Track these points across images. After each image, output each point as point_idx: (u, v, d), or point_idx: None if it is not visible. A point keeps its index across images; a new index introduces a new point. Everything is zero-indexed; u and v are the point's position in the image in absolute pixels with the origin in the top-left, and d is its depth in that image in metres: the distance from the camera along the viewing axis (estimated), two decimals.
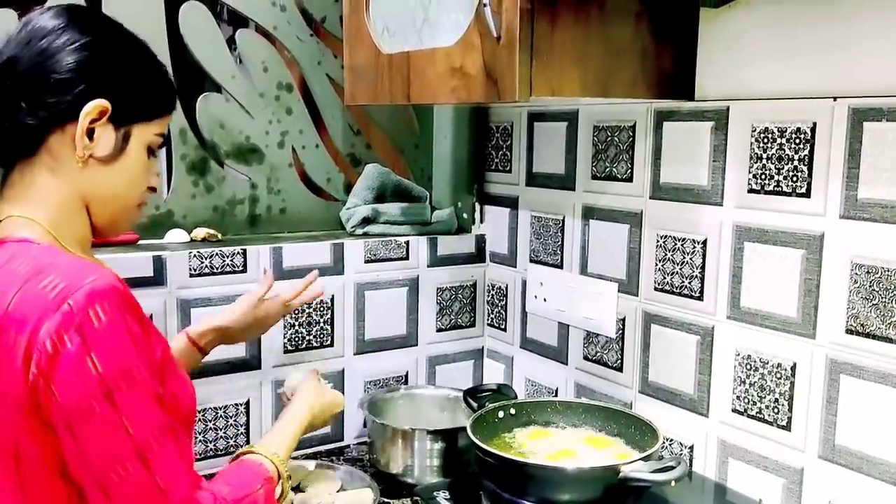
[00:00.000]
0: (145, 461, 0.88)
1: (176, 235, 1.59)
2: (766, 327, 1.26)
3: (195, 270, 1.49)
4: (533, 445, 1.30)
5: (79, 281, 0.88)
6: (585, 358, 1.59)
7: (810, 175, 1.18)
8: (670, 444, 1.42)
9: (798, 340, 1.21)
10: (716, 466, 1.35)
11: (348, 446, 1.65)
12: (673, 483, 1.06)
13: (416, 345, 1.75)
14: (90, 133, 0.96)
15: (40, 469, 0.90)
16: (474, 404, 1.35)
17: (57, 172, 0.97)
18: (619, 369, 1.52)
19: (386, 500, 1.40)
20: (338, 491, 1.41)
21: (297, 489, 1.40)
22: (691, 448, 1.39)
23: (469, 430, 1.23)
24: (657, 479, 1.06)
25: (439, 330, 1.78)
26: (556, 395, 1.66)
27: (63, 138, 0.96)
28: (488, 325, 1.84)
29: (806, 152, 1.18)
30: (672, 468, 1.08)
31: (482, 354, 1.85)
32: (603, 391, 1.55)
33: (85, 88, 0.95)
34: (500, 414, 1.34)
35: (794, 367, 1.22)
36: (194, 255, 1.49)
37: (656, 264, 1.43)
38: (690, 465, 1.39)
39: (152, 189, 1.07)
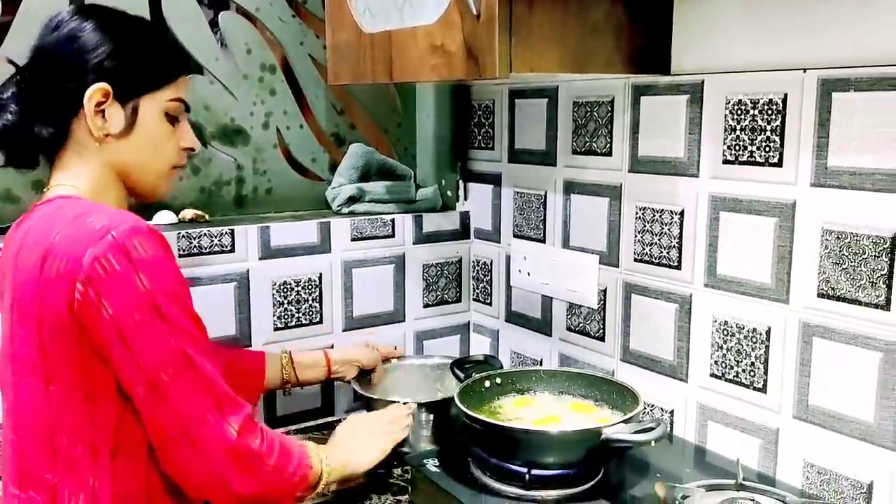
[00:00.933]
0: (192, 365, 0.98)
1: (164, 217, 1.61)
2: (741, 294, 1.30)
3: (184, 251, 1.52)
4: (519, 412, 1.34)
5: (121, 221, 0.98)
6: (569, 329, 1.63)
7: (782, 145, 1.22)
8: (651, 410, 1.47)
9: (772, 305, 1.25)
10: (695, 429, 1.40)
11: (339, 420, 1.69)
12: (653, 443, 1.10)
13: (404, 320, 1.79)
14: (102, 114, 1.05)
15: (71, 392, 0.98)
16: (461, 374, 1.38)
17: (84, 154, 1.07)
18: (602, 339, 1.56)
19: (378, 469, 1.44)
20: None
21: None
22: (671, 412, 1.44)
23: (456, 399, 1.26)
24: (637, 439, 1.10)
25: (426, 306, 1.81)
26: (540, 365, 1.70)
27: (81, 123, 1.06)
28: (474, 299, 1.87)
29: (777, 123, 1.22)
30: (652, 429, 1.13)
31: (468, 329, 1.89)
32: (586, 360, 1.59)
33: (85, 75, 1.03)
34: (487, 384, 1.37)
35: (768, 332, 1.26)
36: (182, 236, 1.52)
37: (636, 236, 1.46)
38: (671, 429, 1.44)
39: (189, 150, 1.16)
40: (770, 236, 1.25)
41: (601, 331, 1.56)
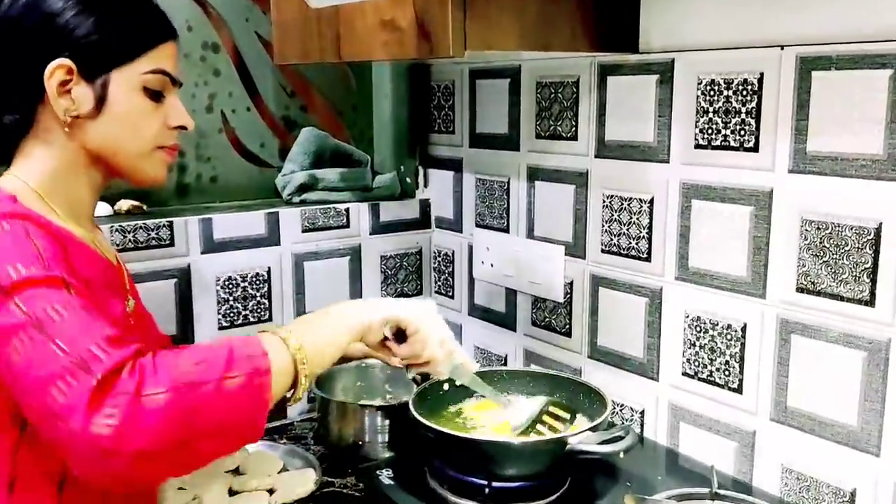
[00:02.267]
0: (42, 328, 0.79)
1: (98, 208, 1.49)
2: (715, 287, 1.21)
3: (118, 245, 1.40)
4: (480, 418, 1.25)
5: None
6: (534, 323, 1.54)
7: (758, 128, 1.13)
8: (621, 410, 1.38)
9: (748, 300, 1.17)
10: (667, 431, 1.32)
11: (292, 424, 1.59)
12: (622, 454, 1.02)
13: None
14: (69, 95, 0.94)
15: None
16: (418, 377, 1.29)
17: (49, 141, 0.97)
18: (568, 334, 1.47)
19: (329, 478, 1.35)
20: (279, 472, 1.35)
21: (236, 472, 1.33)
22: (642, 413, 1.36)
23: (411, 406, 1.17)
24: (605, 450, 1.02)
25: None
26: (504, 363, 1.61)
27: (46, 108, 0.95)
28: (436, 292, 1.78)
29: (753, 105, 1.13)
30: (621, 438, 1.04)
31: None
32: (552, 357, 1.51)
33: (45, 50, 0.92)
34: (445, 386, 1.28)
35: (744, 328, 1.18)
36: (116, 230, 1.40)
37: (603, 225, 1.37)
38: (641, 430, 1.35)
39: (179, 128, 1.03)
40: (745, 226, 1.16)
41: (567, 326, 1.47)
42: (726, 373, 1.21)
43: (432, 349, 1.04)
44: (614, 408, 1.36)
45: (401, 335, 1.05)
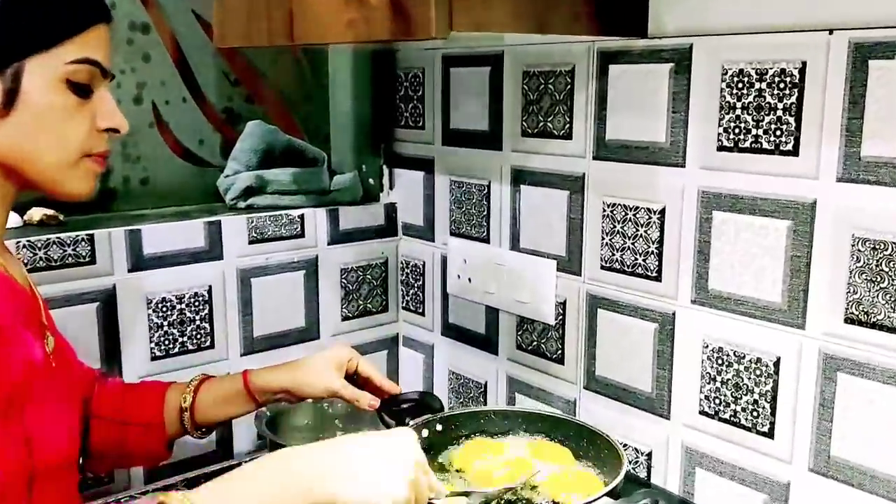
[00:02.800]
0: None
1: None
2: (740, 314, 1.03)
3: (27, 264, 1.16)
4: (474, 463, 1.05)
5: None
6: (519, 347, 1.34)
7: (798, 128, 0.95)
8: (624, 448, 1.20)
9: (783, 331, 0.99)
10: (679, 477, 1.14)
11: (239, 465, 1.37)
12: None
13: (318, 338, 1.47)
14: None
15: None
16: (391, 422, 1.08)
17: None
18: (560, 361, 1.28)
19: None
20: None
21: None
22: (649, 455, 1.17)
23: None
24: None
25: (346, 318, 1.50)
26: (484, 391, 1.42)
27: None
28: (403, 308, 1.57)
29: (793, 99, 0.95)
30: None
31: (397, 343, 1.58)
32: (541, 386, 1.32)
33: None
34: (425, 432, 1.08)
35: (777, 363, 1.01)
36: (25, 245, 1.16)
37: (603, 238, 1.18)
38: (648, 475, 1.17)
39: (110, 130, 0.83)
40: (781, 243, 0.98)
41: (559, 352, 1.28)
42: (754, 413, 1.04)
43: None
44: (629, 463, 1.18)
45: None
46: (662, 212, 1.11)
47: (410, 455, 0.77)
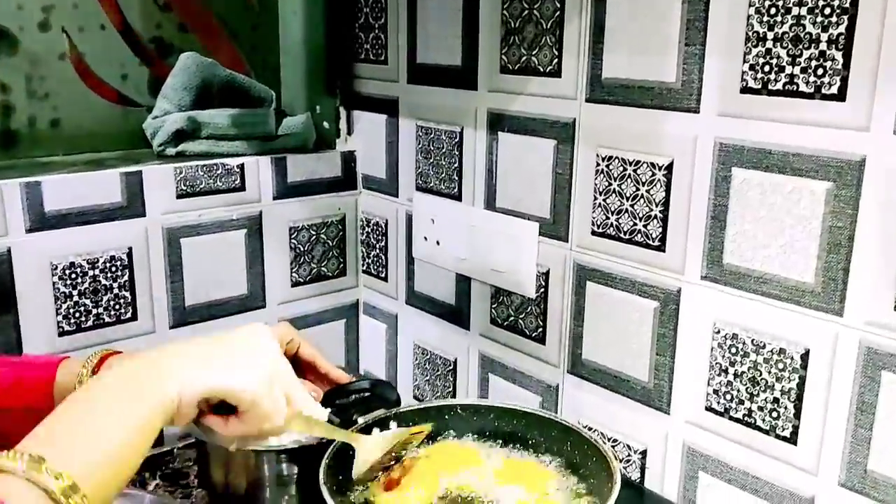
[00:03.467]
0: None
1: None
2: (763, 295, 0.85)
3: None
4: (427, 477, 0.86)
5: None
6: (494, 322, 1.16)
7: (847, 66, 0.75)
8: (614, 447, 1.03)
9: (815, 317, 0.81)
10: (679, 482, 0.96)
11: (171, 453, 1.18)
12: None
13: (265, 306, 1.27)
14: None
15: None
16: (335, 419, 0.89)
17: None
18: (541, 340, 1.09)
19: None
20: None
21: None
22: (643, 454, 1.00)
23: (321, 475, 0.78)
24: None
25: (296, 284, 1.30)
26: (454, 369, 1.23)
27: None
28: (364, 272, 1.38)
29: (841, 29, 0.75)
30: None
31: (357, 311, 1.39)
32: (518, 368, 1.13)
33: None
34: (376, 432, 0.89)
35: (806, 356, 0.82)
36: None
37: (596, 198, 0.99)
38: (641, 476, 1.00)
39: None
40: (818, 210, 0.79)
41: (540, 329, 1.09)
42: (774, 414, 0.86)
43: (275, 422, 0.69)
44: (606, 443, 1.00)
45: (226, 406, 0.68)
46: (670, 167, 0.91)
47: (269, 344, 0.72)
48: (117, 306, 1.12)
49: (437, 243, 1.20)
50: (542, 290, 1.08)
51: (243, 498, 1.01)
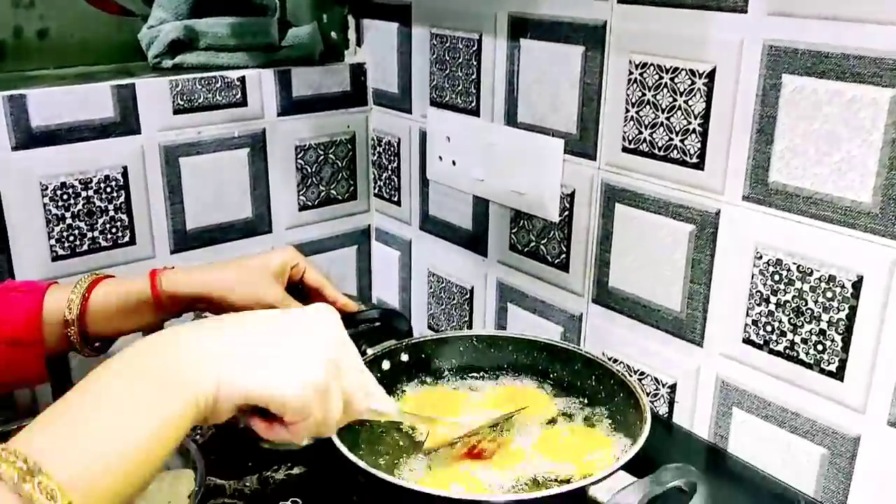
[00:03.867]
0: None
1: None
2: (812, 217, 0.77)
3: None
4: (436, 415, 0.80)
5: None
6: (513, 248, 1.08)
7: None
8: (641, 380, 0.96)
9: (871, 242, 0.73)
10: (711, 419, 0.90)
11: None
12: None
13: (271, 231, 1.21)
14: None
15: None
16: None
17: None
18: (564, 268, 1.02)
19: (216, 479, 0.92)
20: None
21: None
22: (672, 388, 0.94)
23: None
24: None
25: (304, 207, 1.23)
26: (470, 298, 1.17)
27: None
28: (376, 195, 1.30)
29: None
30: (675, 492, 0.61)
31: (368, 237, 1.32)
32: (539, 297, 1.06)
33: None
34: (386, 364, 0.83)
35: (858, 284, 0.74)
36: None
37: (628, 110, 0.90)
38: (670, 411, 0.94)
39: None
40: (880, 121, 0.70)
41: (564, 256, 1.02)
42: (819, 347, 0.78)
43: (324, 433, 0.57)
44: (633, 375, 0.94)
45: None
46: (711, 75, 0.81)
47: (332, 331, 0.58)
48: (114, 230, 1.06)
49: (453, 163, 1.12)
50: (567, 213, 1.00)
51: (248, 430, 0.97)
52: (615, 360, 0.98)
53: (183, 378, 0.51)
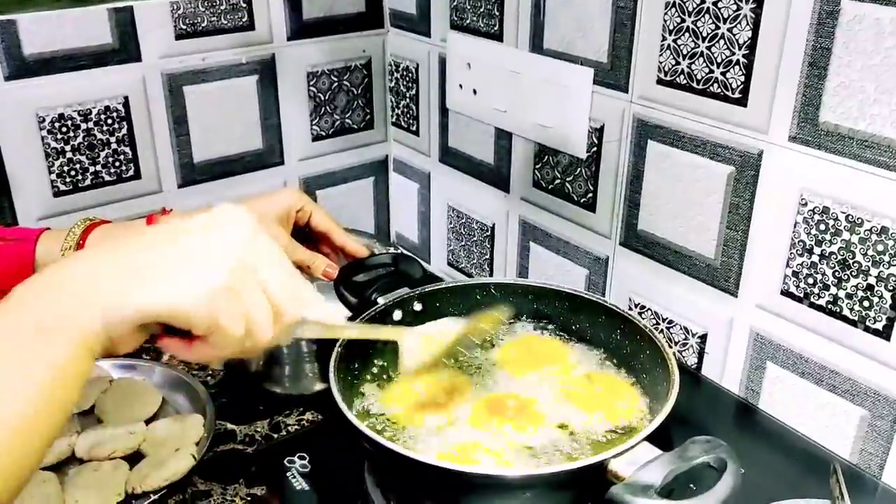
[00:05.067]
0: None
1: None
2: (866, 162, 0.69)
3: None
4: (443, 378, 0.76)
5: None
6: (537, 185, 1.02)
7: None
8: (669, 329, 0.91)
9: None
10: (743, 374, 0.85)
11: None
12: None
13: (283, 163, 1.15)
14: None
15: None
16: (352, 299, 0.78)
17: None
18: (591, 207, 0.96)
19: (226, 424, 0.90)
20: (148, 420, 0.89)
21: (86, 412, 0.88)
22: (702, 338, 0.88)
23: (332, 370, 0.68)
24: None
25: (318, 138, 1.17)
26: (491, 235, 1.11)
27: None
28: (393, 125, 1.23)
29: None
30: (705, 469, 0.56)
31: (386, 169, 1.26)
32: (563, 237, 1.00)
33: None
34: (397, 314, 0.79)
35: None
36: None
37: (664, 38, 0.81)
38: (699, 362, 0.89)
39: None
40: None
41: (591, 195, 0.95)
42: (865, 303, 0.72)
43: (255, 342, 0.51)
44: (660, 324, 0.89)
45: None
46: (760, 0, 0.73)
47: (241, 230, 0.51)
48: (117, 163, 1.01)
49: (474, 92, 1.05)
50: (595, 149, 0.92)
51: (260, 374, 0.94)
52: (642, 308, 0.93)
53: (63, 318, 0.45)
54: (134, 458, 0.83)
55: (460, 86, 1.06)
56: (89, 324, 0.45)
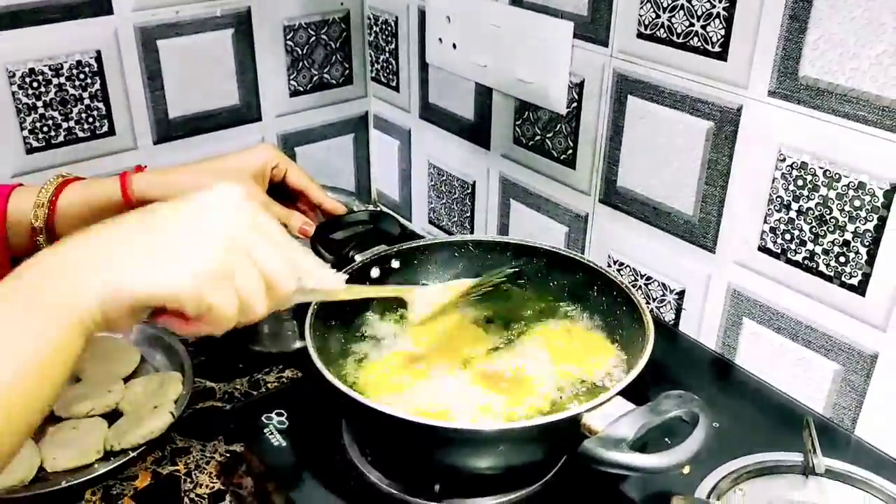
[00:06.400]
0: None
1: None
2: (846, 117, 0.69)
3: None
4: (424, 330, 0.76)
5: None
6: (517, 142, 1.01)
7: None
8: (647, 285, 0.91)
9: None
10: (719, 330, 0.85)
11: None
12: (685, 471, 0.55)
13: (260, 118, 1.13)
14: None
15: None
16: (329, 256, 0.78)
17: None
18: (571, 164, 0.95)
19: (206, 382, 0.90)
20: (127, 378, 0.90)
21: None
22: (680, 294, 0.88)
23: (307, 328, 0.68)
24: (651, 465, 0.54)
25: (296, 93, 1.15)
26: (472, 193, 1.10)
27: None
28: (373, 80, 1.21)
29: None
30: (678, 422, 0.57)
31: (366, 125, 1.25)
32: (543, 194, 1.00)
33: None
34: (375, 272, 0.78)
35: (891, 193, 0.67)
36: None
37: None
38: (677, 318, 0.89)
39: None
40: None
41: (570, 152, 0.94)
42: (841, 259, 0.72)
43: (249, 317, 0.52)
44: (639, 281, 0.89)
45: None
46: None
47: (233, 209, 0.51)
48: (90, 119, 0.99)
49: (454, 46, 1.03)
50: (575, 104, 0.92)
51: (239, 332, 0.93)
52: (621, 265, 0.93)
53: (61, 300, 0.46)
54: (112, 416, 0.83)
55: (440, 40, 1.05)
56: (87, 309, 0.46)
